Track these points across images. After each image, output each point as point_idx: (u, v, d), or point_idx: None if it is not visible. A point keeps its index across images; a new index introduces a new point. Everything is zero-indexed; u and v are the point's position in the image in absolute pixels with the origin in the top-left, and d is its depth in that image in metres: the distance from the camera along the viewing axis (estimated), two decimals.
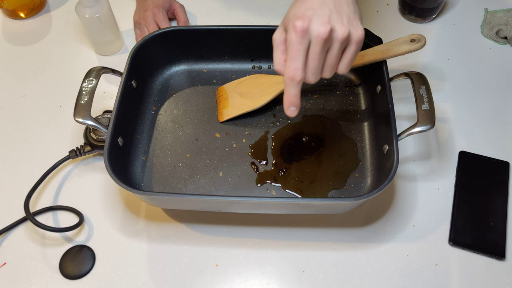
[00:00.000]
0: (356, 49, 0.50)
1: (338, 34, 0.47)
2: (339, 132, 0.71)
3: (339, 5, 0.48)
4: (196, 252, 0.64)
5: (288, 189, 0.66)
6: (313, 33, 0.47)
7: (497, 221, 0.64)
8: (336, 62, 0.50)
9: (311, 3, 0.48)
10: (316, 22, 0.46)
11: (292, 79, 0.48)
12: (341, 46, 0.48)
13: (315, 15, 0.47)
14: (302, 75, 0.48)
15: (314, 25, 0.46)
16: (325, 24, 0.46)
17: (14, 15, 0.91)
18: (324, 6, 0.47)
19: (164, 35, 0.73)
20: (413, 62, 0.81)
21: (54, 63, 0.85)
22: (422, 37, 0.66)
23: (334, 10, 0.48)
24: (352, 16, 0.49)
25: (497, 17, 0.86)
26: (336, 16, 0.47)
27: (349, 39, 0.49)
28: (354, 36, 0.48)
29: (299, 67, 0.48)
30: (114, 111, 0.63)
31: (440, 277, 0.61)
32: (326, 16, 0.47)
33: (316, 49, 0.47)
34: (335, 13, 0.47)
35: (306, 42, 0.47)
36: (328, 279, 0.62)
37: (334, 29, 0.47)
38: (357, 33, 0.48)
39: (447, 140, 0.73)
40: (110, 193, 0.69)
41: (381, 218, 0.66)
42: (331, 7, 0.48)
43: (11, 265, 0.64)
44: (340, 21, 0.47)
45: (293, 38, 0.47)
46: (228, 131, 0.72)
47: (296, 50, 0.47)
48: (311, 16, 0.47)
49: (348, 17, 0.48)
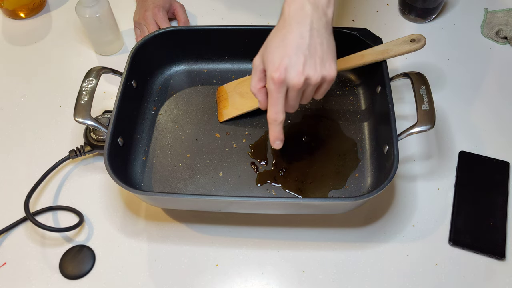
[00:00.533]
0: (329, 85, 0.55)
1: (311, 81, 0.52)
2: (339, 132, 0.71)
3: (313, 48, 0.52)
4: (196, 252, 0.64)
5: (288, 189, 0.66)
6: (289, 83, 0.52)
7: (497, 221, 0.64)
8: (311, 96, 0.56)
9: (287, 49, 0.51)
10: (292, 73, 0.51)
11: (275, 120, 0.55)
12: (315, 87, 0.54)
13: (290, 65, 0.51)
14: (282, 116, 0.55)
15: (290, 76, 0.51)
16: (300, 75, 0.51)
17: (14, 15, 0.91)
18: (299, 52, 0.51)
19: (164, 35, 0.73)
20: (413, 62, 0.81)
21: (54, 63, 0.85)
22: (422, 37, 0.66)
23: (308, 55, 0.51)
24: (325, 56, 0.52)
25: (497, 17, 0.86)
26: (311, 63, 0.52)
27: (323, 80, 0.53)
28: (327, 78, 0.53)
29: (279, 111, 0.54)
30: (114, 111, 0.63)
31: (440, 277, 0.61)
32: (300, 65, 0.51)
33: (293, 94, 0.53)
34: (309, 57, 0.51)
35: (284, 89, 0.53)
36: (328, 279, 0.62)
37: (308, 77, 0.52)
38: (329, 74, 0.53)
39: (447, 140, 0.73)
40: (110, 193, 0.69)
41: (381, 218, 0.66)
42: (305, 52, 0.51)
43: (11, 265, 0.64)
44: (313, 67, 0.52)
45: (272, 88, 0.52)
46: (228, 131, 0.72)
47: (276, 98, 0.53)
48: (287, 67, 0.51)
49: (321, 59, 0.52)
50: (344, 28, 0.71)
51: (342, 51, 0.68)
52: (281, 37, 0.52)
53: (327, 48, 0.53)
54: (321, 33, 0.52)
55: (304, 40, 0.51)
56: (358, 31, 0.70)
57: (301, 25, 0.52)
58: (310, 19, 0.52)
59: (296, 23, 0.52)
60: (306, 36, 0.51)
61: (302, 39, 0.51)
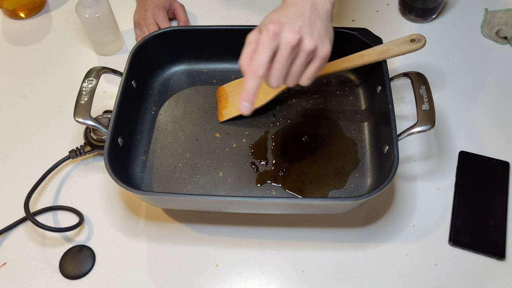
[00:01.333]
0: (320, 64, 0.52)
1: (305, 45, 0.50)
2: (339, 132, 0.71)
3: (313, 21, 0.51)
4: (196, 252, 0.64)
5: (288, 189, 0.66)
6: (282, 39, 0.49)
7: (497, 221, 0.64)
8: (300, 72, 0.52)
9: (288, 12, 0.51)
10: (288, 29, 0.49)
11: (254, 72, 0.50)
12: (306, 58, 0.51)
13: (289, 23, 0.50)
14: (263, 71, 0.50)
15: (285, 31, 0.49)
16: (295, 33, 0.49)
17: (14, 15, 0.91)
18: (299, 17, 0.51)
19: (164, 35, 0.73)
20: (413, 62, 0.81)
21: (54, 63, 0.85)
22: (422, 37, 0.66)
23: (307, 23, 0.51)
24: (323, 33, 0.52)
25: (497, 17, 0.86)
26: (308, 29, 0.50)
27: (315, 53, 0.51)
28: (320, 52, 0.51)
29: (262, 63, 0.49)
30: (114, 111, 0.63)
31: (440, 277, 0.61)
32: (298, 26, 0.50)
33: (282, 54, 0.50)
34: (307, 26, 0.51)
35: (275, 45, 0.50)
36: (328, 279, 0.62)
37: (302, 39, 0.50)
38: (323, 49, 0.51)
39: (447, 140, 0.73)
40: (110, 193, 0.69)
41: (381, 218, 0.66)
42: (305, 20, 0.51)
43: (11, 265, 0.64)
44: (310, 34, 0.50)
45: (264, 38, 0.49)
46: (228, 131, 0.72)
47: (264, 47, 0.49)
48: (284, 23, 0.50)
49: (319, 32, 0.51)
50: (344, 28, 0.71)
51: (342, 51, 0.69)
52: (284, 8, 0.52)
53: (326, 29, 0.52)
54: (322, 16, 0.52)
55: (306, 12, 0.51)
56: (358, 31, 0.70)
57: (303, 2, 0.52)
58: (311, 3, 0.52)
59: (300, 1, 0.52)
60: (308, 10, 0.51)
61: (304, 11, 0.51)
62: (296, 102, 0.74)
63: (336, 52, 0.69)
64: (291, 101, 0.74)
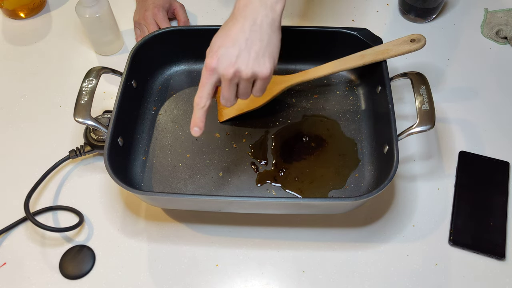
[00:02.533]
0: (263, 83, 0.55)
1: (242, 75, 0.53)
2: (339, 132, 0.71)
3: (251, 42, 0.52)
4: (196, 252, 0.64)
5: (288, 189, 0.66)
6: (219, 73, 0.53)
7: (497, 221, 0.64)
8: (248, 91, 0.56)
9: (227, 38, 0.53)
10: (224, 63, 0.52)
11: (197, 104, 0.55)
12: (248, 82, 0.54)
13: (225, 54, 0.52)
14: (204, 103, 0.54)
15: (221, 66, 0.52)
16: (230, 67, 0.52)
17: (14, 15, 0.91)
18: (236, 45, 0.52)
19: (164, 35, 0.73)
20: (413, 62, 0.81)
21: (54, 63, 0.85)
22: (422, 37, 0.66)
23: (244, 49, 0.52)
24: (261, 53, 0.53)
25: (497, 17, 0.86)
26: (244, 57, 0.52)
27: (255, 76, 0.54)
28: (260, 75, 0.53)
29: (203, 96, 0.54)
30: (114, 111, 0.63)
31: (440, 277, 0.61)
32: (233, 57, 0.52)
33: (224, 84, 0.54)
34: (244, 52, 0.52)
35: (214, 77, 0.53)
36: (328, 279, 0.62)
37: (238, 70, 0.52)
38: (262, 71, 0.53)
39: (447, 140, 0.73)
40: (110, 193, 0.69)
41: (381, 218, 0.66)
42: (242, 45, 0.52)
43: (11, 265, 0.64)
44: (245, 62, 0.52)
45: (204, 73, 0.54)
46: (228, 131, 0.72)
47: (204, 83, 0.54)
48: (221, 56, 0.52)
49: (257, 55, 0.53)
50: (344, 28, 0.71)
51: (342, 51, 0.69)
52: (226, 29, 0.54)
53: (266, 45, 0.53)
54: (264, 30, 0.53)
55: (244, 34, 0.52)
56: (358, 31, 0.70)
57: (245, 19, 0.53)
58: (255, 15, 0.53)
59: (242, 17, 0.53)
60: (247, 30, 0.52)
61: (242, 33, 0.52)
62: (296, 102, 0.74)
63: (336, 52, 0.70)
64: (291, 101, 0.74)
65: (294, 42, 0.73)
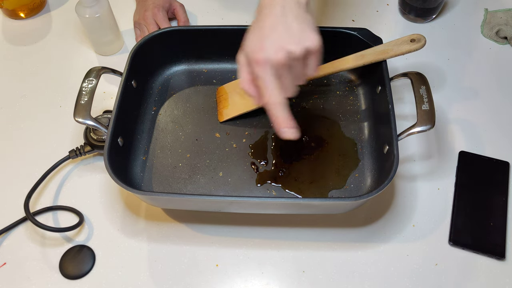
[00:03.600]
0: (317, 57, 0.53)
1: (295, 54, 0.51)
2: (339, 132, 0.71)
3: (289, 24, 0.51)
4: (196, 252, 0.64)
5: (288, 189, 0.66)
6: (272, 61, 0.50)
7: (497, 221, 0.64)
8: (304, 72, 0.54)
9: (263, 31, 0.51)
10: (271, 50, 0.50)
11: (273, 103, 0.52)
12: (301, 62, 0.52)
13: (269, 44, 0.50)
14: (280, 97, 0.52)
15: (271, 54, 0.50)
16: (281, 50, 0.50)
17: (14, 15, 0.91)
18: (275, 30, 0.51)
19: (164, 35, 0.73)
20: (413, 62, 0.81)
21: (54, 63, 0.85)
22: (422, 37, 0.66)
23: (285, 31, 0.51)
24: (303, 28, 0.51)
25: (497, 17, 0.86)
26: (289, 36, 0.50)
27: (308, 51, 0.51)
28: (312, 47, 0.51)
29: (274, 91, 0.51)
30: (114, 111, 0.63)
31: (440, 277, 0.61)
32: (279, 41, 0.50)
33: (282, 73, 0.51)
34: (286, 33, 0.51)
35: (270, 70, 0.51)
36: (328, 279, 0.62)
37: (289, 51, 0.50)
38: (313, 43, 0.51)
39: (447, 140, 0.73)
40: (110, 193, 0.69)
41: (381, 218, 0.66)
42: (281, 28, 0.51)
43: (11, 265, 0.64)
44: (293, 40, 0.50)
45: (258, 71, 0.51)
46: (228, 131, 0.72)
47: (264, 80, 0.51)
48: (266, 47, 0.50)
49: (299, 31, 0.51)
50: (344, 28, 0.71)
51: (342, 51, 0.69)
52: (258, 25, 0.53)
53: (302, 22, 0.52)
54: (294, 10, 0.52)
55: (278, 19, 0.51)
56: (358, 31, 0.70)
57: (272, 8, 0.52)
58: (282, 2, 0.52)
59: (269, 8, 0.52)
60: (279, 15, 0.51)
61: (276, 18, 0.51)
62: (296, 102, 0.74)
63: (336, 52, 0.70)
64: (291, 101, 0.74)
65: None
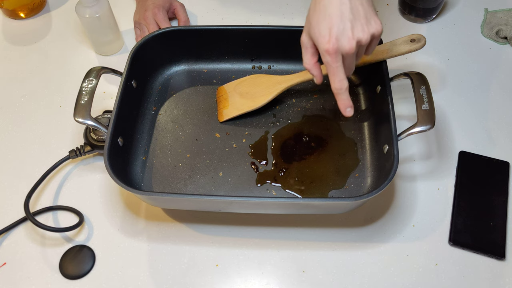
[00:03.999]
0: (378, 40, 0.56)
1: (362, 42, 0.53)
2: (339, 132, 0.71)
3: (356, 10, 0.53)
4: (196, 252, 0.64)
5: (288, 189, 0.66)
6: (343, 51, 0.53)
7: (497, 221, 0.64)
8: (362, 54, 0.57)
9: (332, 19, 0.52)
10: (343, 40, 0.52)
11: (340, 88, 0.55)
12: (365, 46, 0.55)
13: (340, 33, 0.52)
14: (346, 83, 0.55)
15: (342, 44, 0.52)
16: (351, 40, 0.52)
17: (14, 15, 0.91)
18: (344, 18, 0.52)
19: (164, 35, 0.73)
20: (413, 62, 0.81)
21: (54, 63, 0.85)
22: (422, 37, 0.66)
23: (353, 19, 0.52)
24: (368, 15, 0.53)
25: (497, 17, 0.86)
26: (357, 26, 0.53)
27: (373, 37, 0.54)
28: (376, 34, 0.54)
29: (342, 78, 0.55)
30: (114, 111, 0.63)
31: (440, 277, 0.61)
32: (349, 31, 0.52)
33: (349, 60, 0.55)
34: (355, 22, 0.52)
35: (340, 58, 0.54)
36: (328, 279, 0.62)
37: (359, 40, 0.53)
38: (377, 30, 0.54)
39: (447, 140, 0.73)
40: (110, 193, 0.69)
41: (381, 218, 0.66)
42: (350, 17, 0.52)
43: (11, 265, 0.64)
44: (361, 29, 0.53)
45: (329, 59, 0.53)
46: (228, 131, 0.72)
47: (335, 68, 0.54)
48: (337, 36, 0.52)
49: (366, 19, 0.53)
50: None
51: None
52: (322, 10, 0.53)
53: (367, 6, 0.54)
54: None
55: (345, 6, 0.52)
56: None
57: None
58: None
59: None
60: (346, 1, 0.52)
61: (343, 5, 0.52)
62: (296, 102, 0.74)
63: None
64: (291, 101, 0.74)
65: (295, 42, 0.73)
